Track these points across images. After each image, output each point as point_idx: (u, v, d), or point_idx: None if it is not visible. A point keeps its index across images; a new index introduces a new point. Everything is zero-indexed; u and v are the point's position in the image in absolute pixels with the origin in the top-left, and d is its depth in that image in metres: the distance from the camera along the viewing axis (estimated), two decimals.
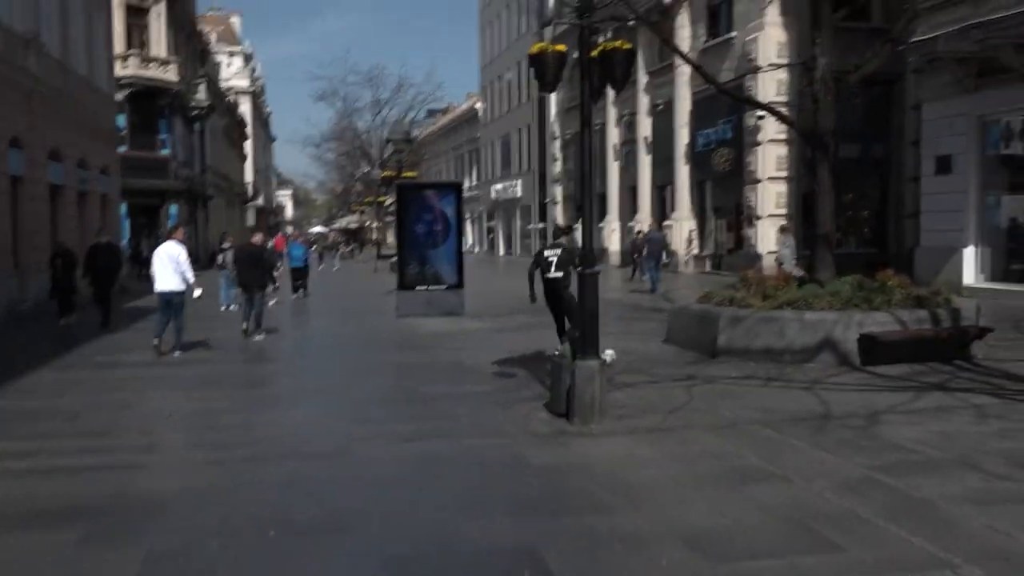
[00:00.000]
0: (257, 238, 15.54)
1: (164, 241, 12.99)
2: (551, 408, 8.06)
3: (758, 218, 26.95)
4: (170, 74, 36.74)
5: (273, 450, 6.92)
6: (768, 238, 26.87)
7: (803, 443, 6.88)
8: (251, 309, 14.07)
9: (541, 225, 49.68)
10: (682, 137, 31.56)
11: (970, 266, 19.02)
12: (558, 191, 46.05)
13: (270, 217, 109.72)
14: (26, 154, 19.82)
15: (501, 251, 58.58)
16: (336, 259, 47.98)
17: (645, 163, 34.95)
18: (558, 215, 46.03)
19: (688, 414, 8.05)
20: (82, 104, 23.62)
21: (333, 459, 6.74)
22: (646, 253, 24.19)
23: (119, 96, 35.04)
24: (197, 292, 12.44)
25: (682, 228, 31.56)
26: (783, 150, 26.72)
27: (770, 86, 26.41)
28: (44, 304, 18.08)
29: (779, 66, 25.34)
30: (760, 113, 26.25)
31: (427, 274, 17.63)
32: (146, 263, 33.55)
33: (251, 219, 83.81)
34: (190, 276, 12.16)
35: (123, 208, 35.92)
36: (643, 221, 34.32)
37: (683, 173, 31.59)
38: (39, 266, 19.12)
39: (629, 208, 37.05)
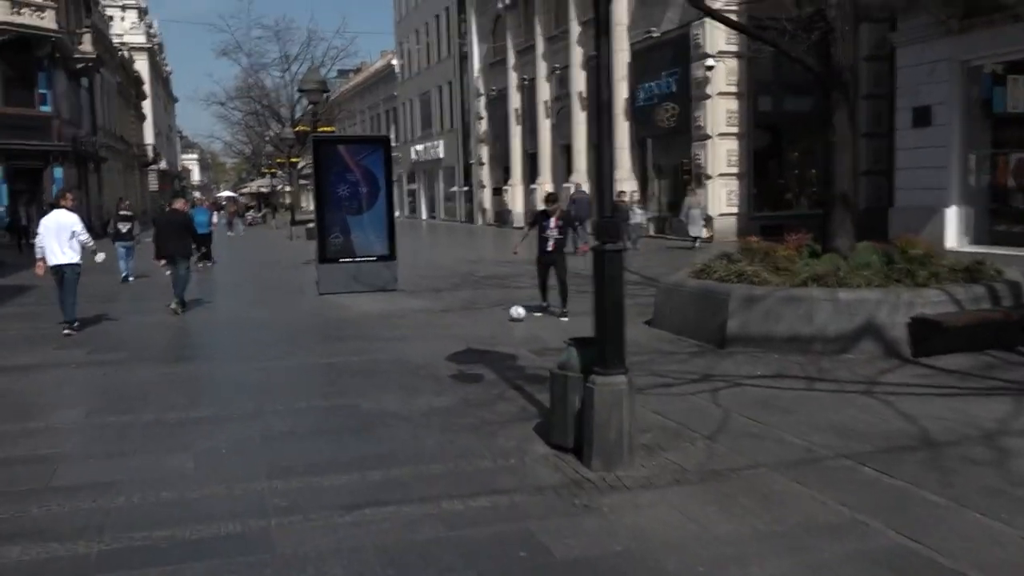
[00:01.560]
0: (180, 204, 14.71)
1: (51, 209, 11.99)
2: (549, 437, 5.76)
3: (708, 178, 25.03)
4: (47, 21, 32.53)
5: (132, 543, 4.38)
6: (719, 198, 25.06)
7: (935, 495, 4.73)
8: (181, 283, 13.11)
9: (466, 188, 47.11)
10: (621, 91, 29.29)
11: (952, 228, 17.42)
12: (484, 151, 43.45)
13: (175, 182, 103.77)
14: None
15: (423, 215, 55.74)
16: (241, 225, 44.42)
17: (580, 120, 32.64)
18: (484, 176, 43.53)
19: (737, 440, 5.84)
20: None
21: (239, 563, 4.20)
22: (573, 215, 22.29)
23: None
24: (100, 256, 11.89)
25: (623, 189, 29.42)
26: (734, 104, 24.79)
27: (719, 32, 24.38)
28: None
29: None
30: (710, 63, 24.32)
31: (353, 244, 15.01)
32: (25, 232, 30.06)
33: (154, 184, 78.79)
34: (89, 241, 11.36)
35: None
36: (581, 182, 32.16)
37: (623, 130, 29.39)
38: None
39: (563, 168, 34.77)
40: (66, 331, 11.02)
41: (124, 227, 19.71)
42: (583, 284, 11.83)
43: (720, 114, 24.72)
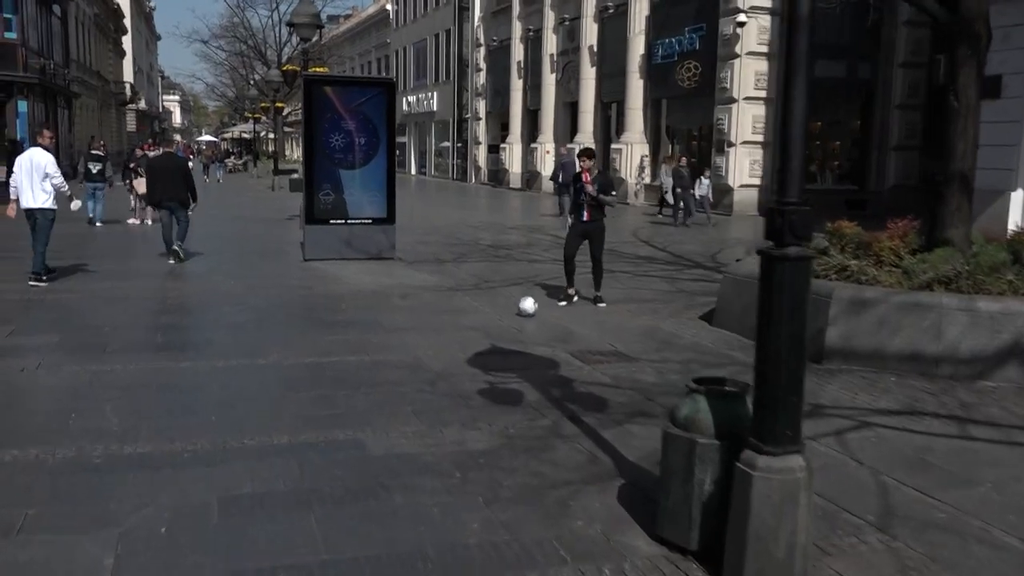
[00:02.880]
0: (179, 144, 13.03)
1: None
2: (657, 527, 3.85)
3: (731, 144, 23.05)
4: None
5: None
6: (742, 168, 23.10)
7: None
8: (177, 229, 12.66)
9: (459, 145, 44.83)
10: (636, 47, 27.17)
11: (1017, 212, 15.57)
12: (481, 106, 41.11)
13: (154, 123, 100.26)
14: None
15: (412, 171, 53.39)
16: (220, 172, 41.98)
17: (589, 76, 30.46)
18: (480, 132, 41.26)
19: (923, 535, 3.96)
20: None
21: None
22: (561, 180, 20.87)
23: None
24: (75, 204, 11.30)
25: (632, 153, 27.41)
26: (763, 65, 22.72)
27: None
28: None
29: None
30: (741, 19, 22.19)
31: (346, 204, 12.96)
32: None
33: (132, 124, 75.68)
34: (63, 185, 10.50)
35: None
36: (585, 142, 30.06)
37: (636, 89, 27.31)
38: None
39: (567, 128, 32.63)
40: (32, 282, 10.12)
41: (95, 167, 18.73)
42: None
43: (748, 76, 22.65)
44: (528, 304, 9.05)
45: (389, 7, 57.72)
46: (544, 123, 33.96)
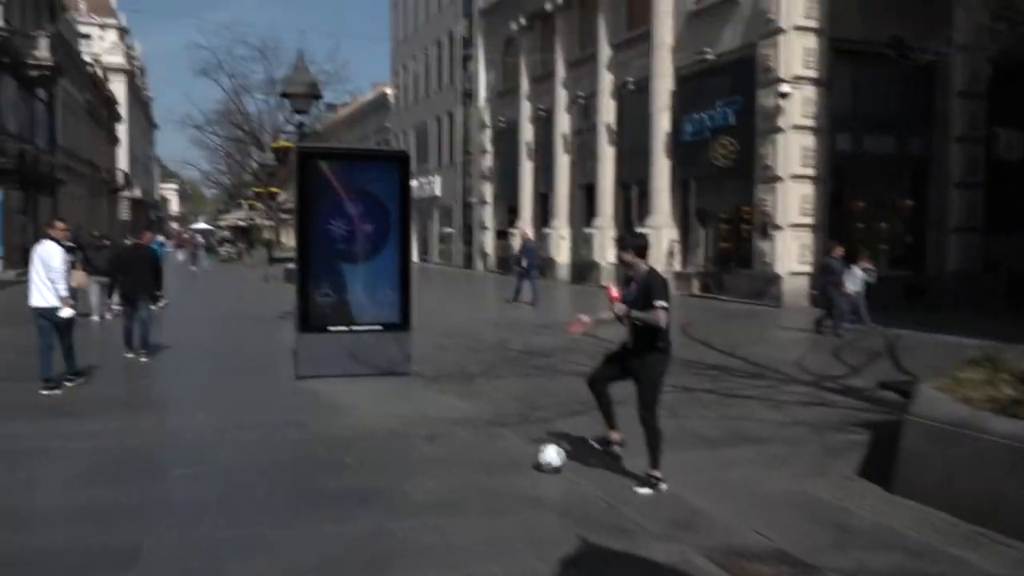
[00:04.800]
0: (148, 236, 13.95)
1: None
2: None
3: (776, 228, 20.62)
4: None
5: None
6: (790, 253, 20.62)
7: None
8: (136, 324, 11.84)
9: (452, 231, 42.64)
10: (661, 124, 25.05)
11: None
12: (487, 189, 39.04)
13: (150, 211, 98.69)
14: None
15: (415, 258, 51.06)
16: (206, 261, 39.53)
17: (607, 156, 28.34)
18: (486, 217, 39.06)
19: None
20: None
21: None
22: (526, 264, 21.49)
23: None
24: (66, 312, 9.43)
25: (660, 237, 24.98)
26: (809, 140, 20.49)
27: (795, 54, 20.21)
28: None
29: None
30: (785, 89, 20.06)
31: (350, 306, 10.34)
32: None
33: (125, 213, 73.84)
34: (63, 288, 9.32)
35: None
36: (605, 226, 27.76)
37: (662, 169, 25.07)
38: None
39: (583, 210, 30.37)
40: (43, 391, 9.10)
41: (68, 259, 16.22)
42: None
43: (793, 151, 20.38)
44: (551, 454, 6.33)
45: (389, 90, 56.46)
46: (557, 206, 31.71)
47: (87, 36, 65.95)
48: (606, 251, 26.21)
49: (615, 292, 6.09)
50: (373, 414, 8.31)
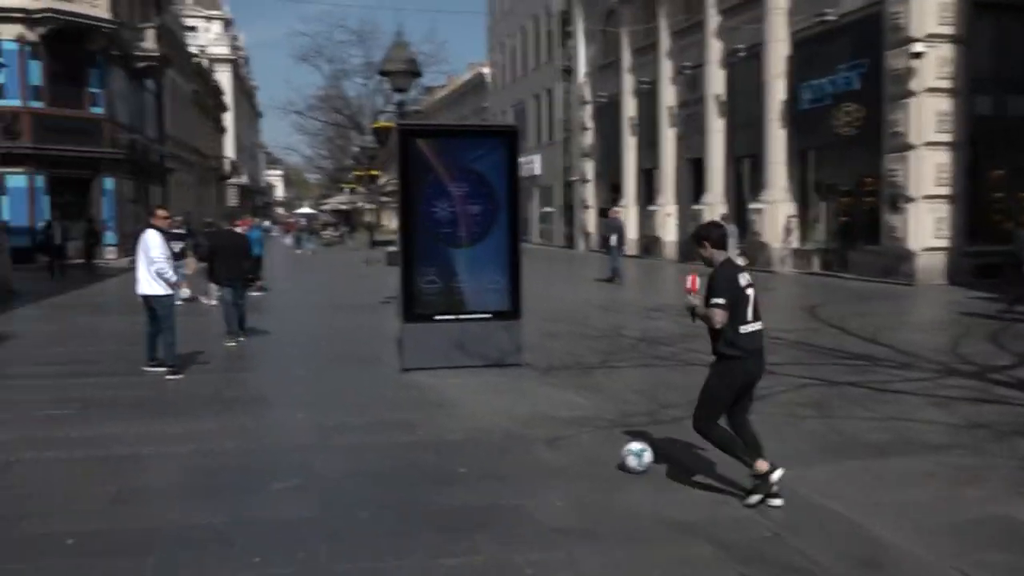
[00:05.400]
0: (248, 222, 14.58)
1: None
2: None
3: (908, 200, 18.99)
4: (100, 9, 28.40)
5: None
6: (924, 228, 18.98)
7: None
8: (233, 309, 12.00)
9: (551, 210, 41.72)
10: (775, 92, 23.54)
11: None
12: (589, 167, 37.97)
13: (256, 197, 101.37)
14: None
15: None
16: (311, 244, 40.20)
17: (716, 128, 26.91)
18: (588, 195, 38.01)
19: None
20: None
21: None
22: (614, 242, 21.25)
23: (30, 35, 26.89)
24: (184, 292, 10.56)
25: (776, 213, 23.56)
26: (945, 103, 18.78)
27: (929, 9, 18.48)
28: None
29: None
30: (918, 48, 18.38)
31: (456, 293, 9.65)
32: (60, 253, 25.83)
33: (233, 199, 75.92)
34: (166, 271, 9.44)
35: (40, 181, 27.93)
36: (714, 202, 26.39)
37: (777, 140, 23.58)
38: None
39: (690, 186, 29.04)
40: (169, 376, 9.33)
41: (177, 246, 16.98)
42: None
43: (928, 116, 18.71)
44: (634, 455, 5.69)
45: (486, 70, 55.86)
46: (663, 183, 30.46)
47: (193, 28, 67.76)
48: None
49: (691, 283, 5.34)
50: (485, 412, 7.58)
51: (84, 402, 8.15)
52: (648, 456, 5.71)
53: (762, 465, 5.14)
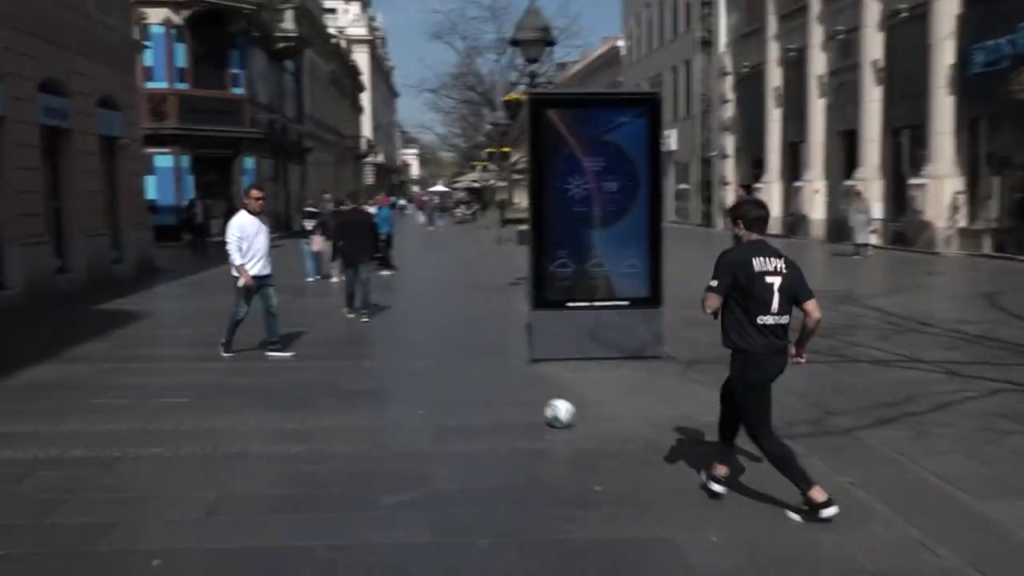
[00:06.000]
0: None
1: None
2: None
3: None
4: None
5: None
6: None
7: None
8: (357, 287, 12.06)
9: (686, 187, 40.00)
10: (942, 56, 21.39)
11: None
12: (729, 142, 36.16)
13: (392, 176, 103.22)
14: None
15: None
16: (443, 220, 40.50)
17: (873, 98, 24.83)
18: (728, 171, 36.22)
19: None
20: None
21: None
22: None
23: (175, 18, 27.64)
24: (242, 280, 9.17)
25: (942, 189, 21.46)
26: None
27: None
28: None
29: None
30: None
31: (590, 278, 8.81)
32: (202, 231, 26.51)
33: (369, 177, 77.47)
34: (231, 254, 9.12)
35: (186, 161, 28.79)
36: (869, 177, 24.41)
37: (943, 109, 21.45)
38: None
39: (840, 161, 27.01)
40: (268, 352, 9.35)
41: (310, 224, 18.00)
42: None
43: None
44: (561, 409, 6.29)
45: (620, 43, 54.36)
46: (810, 157, 28.51)
47: (332, 11, 69.10)
48: (872, 205, 22.91)
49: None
50: (623, 415, 6.74)
51: (200, 389, 7.82)
52: (564, 412, 6.21)
53: (819, 494, 4.41)
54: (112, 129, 18.03)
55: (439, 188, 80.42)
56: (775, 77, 31.21)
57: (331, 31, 56.35)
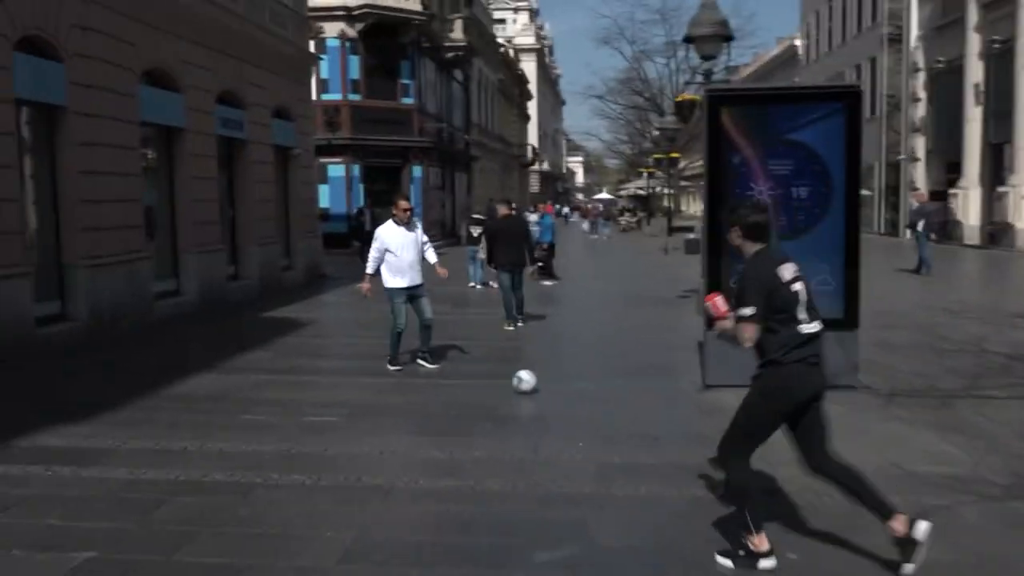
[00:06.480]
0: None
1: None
2: None
3: None
4: (412, 3, 29.34)
5: None
6: None
7: None
8: (512, 294, 11.95)
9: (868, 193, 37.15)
10: None
11: None
12: (919, 144, 33.40)
13: (557, 184, 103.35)
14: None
15: None
16: (607, 229, 39.64)
17: None
18: (918, 175, 33.46)
19: None
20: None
21: None
22: (921, 228, 18.98)
23: (350, 31, 28.37)
24: (362, 286, 9.22)
25: None
26: None
27: None
28: None
29: None
30: None
31: None
32: (370, 239, 26.89)
33: (535, 185, 77.85)
34: (368, 266, 9.10)
35: (356, 170, 29.52)
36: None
37: None
38: None
39: None
40: (419, 361, 9.25)
41: (476, 231, 18.53)
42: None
43: None
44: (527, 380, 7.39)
45: (798, 42, 51.73)
46: (1017, 159, 25.73)
47: (501, 21, 69.94)
48: None
49: (720, 305, 4.21)
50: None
51: (352, 407, 7.47)
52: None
53: (763, 543, 3.95)
54: (286, 139, 18.48)
55: (604, 196, 79.70)
56: (976, 72, 28.45)
57: (499, 41, 56.89)
